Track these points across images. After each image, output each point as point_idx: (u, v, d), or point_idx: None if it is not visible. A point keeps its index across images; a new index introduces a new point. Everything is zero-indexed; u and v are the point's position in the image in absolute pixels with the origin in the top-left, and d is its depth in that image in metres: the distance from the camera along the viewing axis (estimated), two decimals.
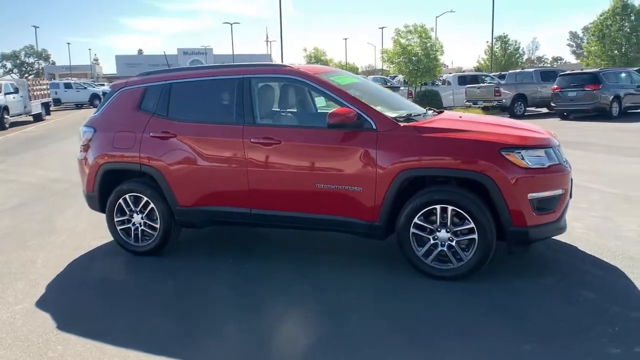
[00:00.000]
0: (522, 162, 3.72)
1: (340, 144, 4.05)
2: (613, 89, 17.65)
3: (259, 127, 4.33)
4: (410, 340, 3.11)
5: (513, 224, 3.74)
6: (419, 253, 3.95)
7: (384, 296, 3.76)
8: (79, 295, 4.01)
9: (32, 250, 5.08)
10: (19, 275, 4.41)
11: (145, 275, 4.36)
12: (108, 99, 4.97)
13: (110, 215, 4.81)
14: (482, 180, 3.72)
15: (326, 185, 4.09)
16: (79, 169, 5.09)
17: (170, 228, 4.66)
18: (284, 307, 3.65)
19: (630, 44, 35.38)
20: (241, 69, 4.56)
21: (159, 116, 4.64)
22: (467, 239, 3.83)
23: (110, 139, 4.75)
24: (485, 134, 3.92)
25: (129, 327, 3.42)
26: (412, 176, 3.89)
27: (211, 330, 3.34)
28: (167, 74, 4.83)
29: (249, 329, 3.34)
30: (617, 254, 4.33)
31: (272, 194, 4.31)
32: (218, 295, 3.91)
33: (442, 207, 3.84)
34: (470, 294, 3.71)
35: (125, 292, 4.04)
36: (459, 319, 3.36)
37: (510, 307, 3.51)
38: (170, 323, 3.47)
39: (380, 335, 3.18)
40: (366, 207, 4.01)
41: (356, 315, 3.46)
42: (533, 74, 22.53)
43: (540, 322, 3.27)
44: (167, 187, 4.55)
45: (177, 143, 4.50)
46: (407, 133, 3.95)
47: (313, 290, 3.91)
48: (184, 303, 3.79)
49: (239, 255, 4.72)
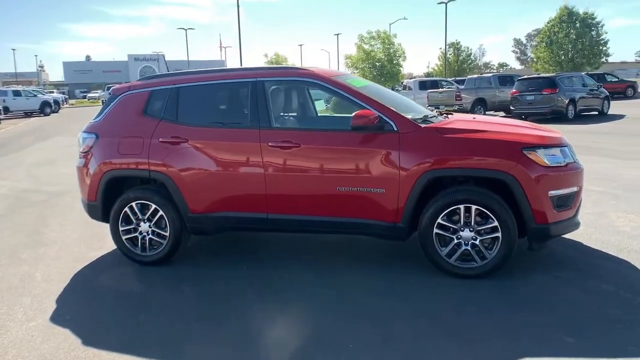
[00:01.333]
0: (543, 160, 3.84)
1: (362, 147, 4.05)
2: (568, 92, 18.50)
3: (276, 131, 4.27)
4: (459, 341, 3.13)
5: (535, 221, 3.84)
6: (443, 253, 4.00)
7: (411, 297, 3.77)
8: (94, 308, 3.82)
9: (28, 264, 4.80)
10: (21, 291, 4.16)
11: (158, 285, 4.20)
12: (110, 104, 4.78)
13: (114, 224, 4.61)
14: (506, 179, 3.81)
15: (348, 188, 4.08)
16: (78, 177, 4.86)
17: (181, 236, 4.52)
18: (319, 312, 3.59)
19: (576, 49, 37.25)
20: (254, 72, 4.48)
21: (168, 121, 4.50)
22: (490, 238, 3.91)
23: (115, 145, 4.56)
24: (505, 134, 4.02)
25: (160, 339, 3.29)
26: (436, 177, 3.93)
27: (249, 338, 3.25)
28: (173, 77, 4.69)
29: (293, 335, 3.27)
30: (622, 248, 4.53)
31: (290, 198, 4.25)
32: (244, 302, 3.81)
33: (465, 207, 3.90)
34: (497, 291, 3.77)
35: (143, 302, 3.89)
36: (494, 315, 3.41)
37: (537, 301, 3.59)
38: (202, 332, 3.36)
39: (427, 336, 3.18)
40: (389, 208, 4.02)
41: (395, 317, 3.46)
42: (491, 78, 23.34)
43: (569, 314, 3.37)
44: (178, 194, 4.41)
45: (189, 148, 4.37)
46: (429, 134, 4.00)
47: (337, 294, 3.87)
48: (210, 311, 3.68)
49: (250, 261, 4.62)
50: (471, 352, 2.98)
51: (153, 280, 4.30)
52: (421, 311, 3.53)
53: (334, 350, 3.06)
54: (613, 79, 29.69)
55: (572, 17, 37.17)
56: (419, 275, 4.10)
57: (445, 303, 3.64)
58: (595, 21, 37.19)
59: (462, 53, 53.40)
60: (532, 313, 3.43)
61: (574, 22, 37.17)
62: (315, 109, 5.06)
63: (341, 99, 4.32)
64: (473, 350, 2.99)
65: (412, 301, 3.69)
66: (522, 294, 3.72)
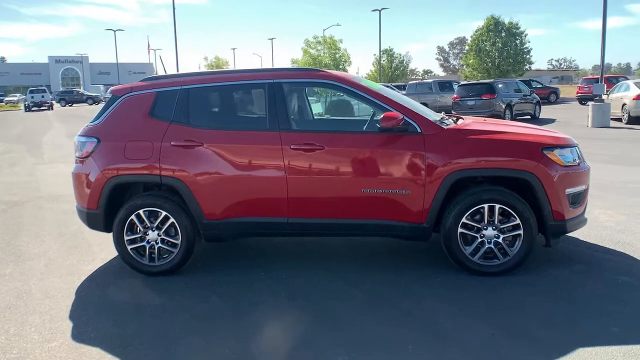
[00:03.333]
0: (561, 160, 4.03)
1: (387, 148, 4.06)
2: (505, 98, 19.59)
3: (298, 133, 4.19)
4: (508, 334, 3.20)
5: (554, 218, 4.03)
6: (467, 252, 4.09)
7: (445, 295, 3.82)
8: (117, 324, 3.54)
9: (18, 280, 4.39)
10: (23, 309, 3.80)
11: (178, 295, 3.98)
12: (110, 106, 4.47)
13: (119, 233, 4.32)
14: (529, 178, 3.96)
15: (373, 190, 4.08)
16: (75, 184, 4.51)
17: (193, 244, 4.32)
18: (358, 315, 3.55)
19: (502, 57, 39.55)
20: (270, 73, 4.37)
21: (179, 123, 4.28)
22: (511, 235, 4.05)
23: (120, 149, 4.28)
24: (523, 135, 4.19)
25: (204, 349, 3.12)
26: (463, 177, 4.02)
27: (308, 345, 3.16)
28: (181, 78, 4.47)
29: (346, 341, 3.21)
30: (616, 242, 4.85)
31: (313, 201, 4.18)
32: (279, 309, 3.70)
33: (489, 206, 4.02)
34: (523, 286, 3.91)
35: (170, 314, 3.66)
36: (529, 309, 3.53)
37: (568, 294, 3.76)
38: (243, 338, 3.22)
39: (478, 332, 3.24)
40: (414, 209, 4.06)
41: (441, 317, 3.49)
42: (432, 84, 24.29)
43: (600, 305, 3.55)
44: (192, 200, 4.21)
45: (205, 152, 4.19)
46: (454, 135, 4.08)
47: (367, 296, 3.85)
48: (245, 320, 3.53)
49: (265, 266, 4.49)
50: (530, 343, 3.06)
51: (170, 290, 4.07)
52: (465, 309, 3.58)
53: (394, 352, 3.04)
54: (538, 85, 31.82)
55: (498, 27, 39.47)
56: (437, 274, 4.17)
57: (483, 299, 3.72)
58: (519, 31, 39.70)
59: (394, 60, 55.06)
60: (568, 305, 3.58)
61: (500, 31, 39.49)
62: (345, 111, 5.03)
63: (362, 101, 4.32)
64: (532, 341, 3.07)
65: (452, 299, 3.74)
66: (551, 288, 3.87)
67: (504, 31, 38.90)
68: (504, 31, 38.90)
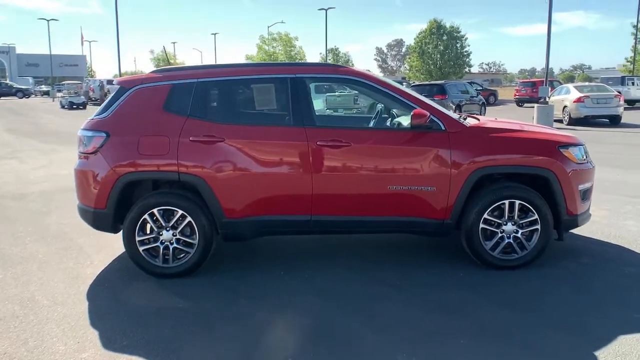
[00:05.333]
0: (575, 157, 4.22)
1: (414, 145, 4.08)
2: (455, 98, 20.27)
3: (324, 129, 4.12)
4: (551, 325, 3.31)
5: (568, 213, 4.21)
6: (487, 247, 4.19)
7: (474, 289, 3.89)
8: (148, 329, 3.32)
9: (14, 287, 4.04)
10: (34, 318, 3.49)
11: (202, 298, 3.79)
12: (118, 98, 4.19)
13: (130, 234, 4.07)
14: (547, 175, 4.11)
15: (399, 187, 4.08)
16: (80, 182, 4.20)
17: (211, 243, 4.14)
18: (398, 310, 3.54)
19: (444, 60, 40.95)
20: (292, 67, 4.27)
21: (196, 118, 4.09)
22: (529, 230, 4.19)
23: (133, 144, 4.03)
24: (540, 133, 4.34)
25: (254, 349, 3.00)
26: (485, 174, 4.10)
27: (361, 341, 3.11)
28: (197, 70, 4.27)
29: (396, 335, 3.19)
30: (608, 235, 5.13)
31: (338, 199, 4.12)
32: (308, 309, 3.62)
33: (510, 202, 4.13)
34: (541, 279, 4.05)
35: (200, 318, 3.48)
36: (557, 300, 3.66)
37: (583, 285, 3.93)
38: (290, 338, 3.13)
39: (515, 322, 3.32)
40: (439, 206, 4.11)
41: (475, 309, 3.54)
42: None
43: (619, 294, 3.75)
44: (212, 198, 4.03)
45: (226, 148, 4.02)
46: (477, 133, 4.17)
47: (396, 291, 3.85)
48: (282, 320, 3.44)
49: (284, 265, 4.39)
50: (573, 332, 3.17)
51: (190, 294, 3.86)
52: (496, 300, 3.66)
53: (450, 346, 3.06)
54: (478, 87, 33.17)
55: (440, 30, 40.84)
56: (460, 268, 4.24)
57: (508, 291, 3.82)
58: (460, 35, 41.26)
59: (339, 59, 55.65)
60: (590, 295, 3.75)
61: (442, 34, 40.89)
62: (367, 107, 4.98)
63: (385, 98, 4.31)
64: (574, 329, 3.19)
65: (482, 292, 3.81)
66: (568, 279, 4.04)
67: (445, 35, 40.41)
68: (445, 35, 40.41)
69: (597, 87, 19.77)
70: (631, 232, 5.22)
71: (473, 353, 3.00)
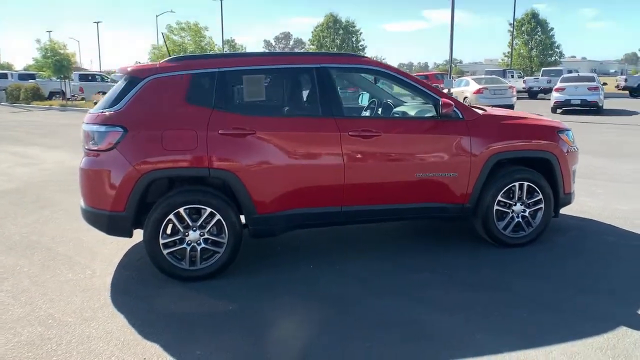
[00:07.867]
0: (570, 141, 4.65)
1: (438, 133, 4.22)
2: None
3: (354, 120, 4.12)
4: (587, 291, 3.64)
5: (564, 192, 4.64)
6: (500, 227, 4.47)
7: (499, 267, 4.14)
8: (213, 337, 3.10)
9: (18, 306, 3.53)
10: (69, 338, 3.09)
11: (243, 301, 3.58)
12: (131, 89, 3.80)
13: (153, 237, 3.74)
14: (550, 157, 4.49)
15: (425, 174, 4.21)
16: (89, 183, 3.77)
17: (240, 241, 3.95)
18: (443, 299, 3.67)
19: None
20: (315, 57, 4.18)
21: (222, 110, 3.86)
22: (534, 209, 4.55)
23: (156, 139, 3.70)
24: (540, 120, 4.71)
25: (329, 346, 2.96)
26: (501, 159, 4.37)
27: (423, 334, 3.18)
28: (216, 59, 4.01)
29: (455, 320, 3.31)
30: (580, 211, 5.69)
31: (369, 188, 4.14)
32: (355, 300, 3.62)
33: (519, 184, 4.45)
34: (547, 252, 4.42)
35: (253, 320, 3.32)
36: (575, 272, 4.03)
37: (584, 257, 4.36)
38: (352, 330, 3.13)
39: (549, 292, 3.62)
40: (459, 191, 4.30)
41: (506, 284, 3.79)
42: None
43: (623, 265, 4.21)
44: (244, 194, 3.84)
45: (257, 141, 3.85)
46: (490, 121, 4.42)
47: (439, 281, 3.98)
48: (338, 313, 3.40)
49: (305, 259, 4.31)
50: (608, 298, 3.52)
51: (229, 296, 3.64)
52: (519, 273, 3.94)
53: (508, 318, 3.25)
54: None
55: (336, 24, 41.80)
56: (476, 248, 4.50)
57: (532, 271, 4.11)
58: (355, 29, 42.57)
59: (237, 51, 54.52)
60: (605, 268, 4.15)
61: (339, 28, 41.88)
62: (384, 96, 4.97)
63: (407, 88, 4.39)
64: (609, 296, 3.55)
65: (505, 269, 4.07)
66: (569, 253, 4.45)
67: (341, 29, 41.46)
68: (341, 29, 41.46)
69: (492, 79, 21.64)
70: (592, 207, 5.85)
71: (531, 322, 3.21)
